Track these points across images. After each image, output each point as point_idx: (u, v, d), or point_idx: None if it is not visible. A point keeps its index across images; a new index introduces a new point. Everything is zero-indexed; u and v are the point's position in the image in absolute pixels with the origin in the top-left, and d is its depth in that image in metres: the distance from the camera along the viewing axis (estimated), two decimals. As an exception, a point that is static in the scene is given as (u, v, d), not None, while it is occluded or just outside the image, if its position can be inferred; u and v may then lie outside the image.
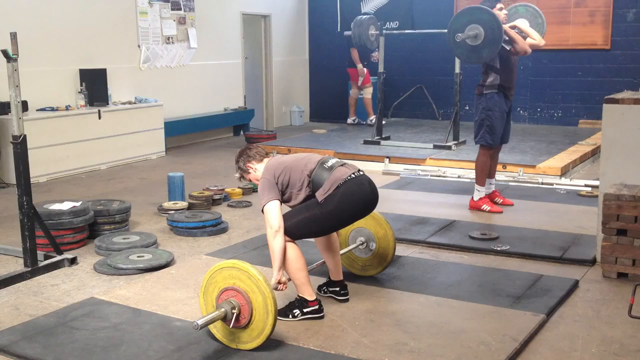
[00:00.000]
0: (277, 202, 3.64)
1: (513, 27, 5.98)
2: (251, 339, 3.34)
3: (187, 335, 3.52)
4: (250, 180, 3.97)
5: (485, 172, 6.07)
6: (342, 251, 4.15)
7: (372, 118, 11.11)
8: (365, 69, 11.20)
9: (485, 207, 6.04)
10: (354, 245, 4.27)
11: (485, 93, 5.93)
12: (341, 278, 4.00)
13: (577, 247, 4.96)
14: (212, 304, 3.41)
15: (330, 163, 3.73)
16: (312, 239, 4.01)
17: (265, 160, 3.87)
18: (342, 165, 3.75)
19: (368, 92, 11.35)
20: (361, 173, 3.77)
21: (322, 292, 4.02)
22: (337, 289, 3.98)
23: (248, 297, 3.29)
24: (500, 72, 5.87)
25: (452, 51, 6.25)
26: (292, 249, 3.65)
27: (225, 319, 3.31)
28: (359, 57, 11.02)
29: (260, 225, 5.79)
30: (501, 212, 5.99)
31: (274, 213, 3.60)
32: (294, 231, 3.66)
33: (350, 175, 3.68)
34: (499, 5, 5.95)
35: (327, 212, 3.62)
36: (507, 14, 6.04)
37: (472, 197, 6.15)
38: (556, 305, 3.91)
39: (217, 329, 3.43)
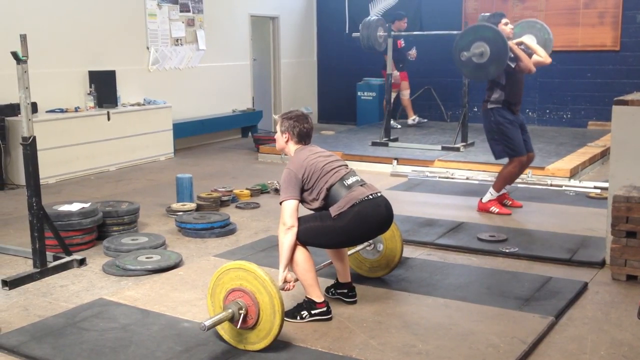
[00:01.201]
0: (296, 203, 3.64)
1: (519, 44, 5.95)
2: (259, 340, 3.34)
3: (195, 336, 3.53)
4: (275, 139, 3.91)
5: (507, 181, 6.05)
6: (349, 252, 4.15)
7: (414, 118, 11.02)
8: (398, 73, 10.78)
9: (494, 209, 6.02)
10: (361, 247, 4.27)
11: (490, 108, 5.90)
12: (349, 280, 4.00)
13: (586, 249, 4.94)
14: (220, 305, 3.42)
15: (350, 181, 3.71)
16: None
17: (300, 147, 3.81)
18: (361, 185, 3.73)
19: (406, 94, 11.07)
20: (379, 195, 3.75)
21: (330, 293, 4.02)
22: (345, 290, 3.98)
23: (255, 298, 3.30)
24: (505, 88, 5.84)
25: (459, 69, 6.26)
26: (301, 251, 3.66)
27: (232, 319, 3.32)
28: (396, 59, 10.77)
29: (268, 226, 5.80)
30: (510, 215, 5.97)
31: (289, 212, 3.61)
32: (303, 237, 3.65)
33: (367, 196, 3.66)
34: (504, 21, 5.96)
35: (339, 227, 3.62)
36: (512, 29, 6.02)
37: (481, 199, 6.13)
38: (565, 308, 3.90)
39: (224, 330, 3.44)
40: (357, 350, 3.37)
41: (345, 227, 3.63)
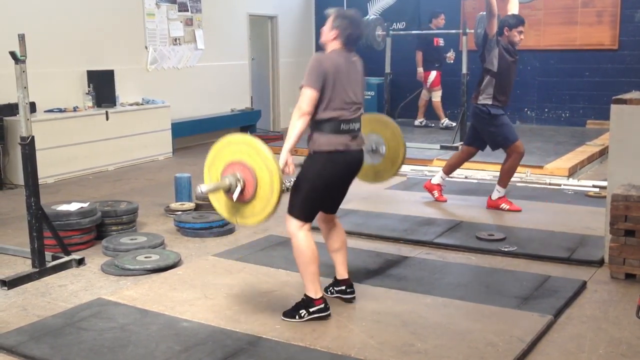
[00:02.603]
0: (316, 95, 3.52)
1: None
2: (252, 215, 3.31)
3: (194, 335, 3.53)
4: (322, 32, 3.77)
5: (511, 175, 6.06)
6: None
7: (444, 121, 10.71)
8: (436, 72, 10.66)
9: (505, 206, 6.02)
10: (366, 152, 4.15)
11: (482, 104, 5.90)
12: (347, 277, 3.98)
13: (585, 248, 4.94)
14: (217, 178, 3.36)
15: (346, 127, 3.60)
16: (322, 239, 3.99)
17: (341, 50, 3.67)
18: (353, 136, 3.64)
19: (437, 95, 10.79)
20: (359, 149, 3.71)
21: (329, 293, 4.01)
22: (343, 287, 3.96)
23: (254, 173, 3.24)
24: (497, 75, 5.85)
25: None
26: (305, 239, 3.62)
27: (229, 191, 3.26)
28: (430, 59, 10.61)
29: (267, 226, 5.79)
30: (520, 211, 5.96)
31: (307, 100, 3.50)
32: (304, 213, 3.63)
33: (346, 149, 3.61)
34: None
35: (313, 175, 3.59)
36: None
37: (490, 196, 6.13)
38: (563, 307, 3.90)
39: (219, 203, 3.39)
40: (355, 349, 3.37)
41: (317, 174, 3.59)
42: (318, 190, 3.66)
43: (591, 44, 10.81)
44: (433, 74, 10.64)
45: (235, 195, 3.25)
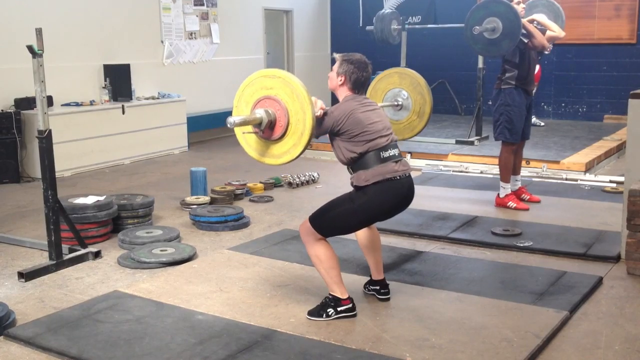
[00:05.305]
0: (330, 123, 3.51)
1: (531, 21, 5.92)
2: (281, 154, 3.27)
3: (209, 328, 3.55)
4: (329, 77, 3.78)
5: (509, 169, 6.01)
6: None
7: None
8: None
9: (511, 204, 5.99)
10: (389, 106, 4.06)
11: (503, 88, 5.88)
12: (382, 277, 3.95)
13: (601, 244, 4.91)
14: (247, 112, 3.31)
15: (387, 154, 3.56)
16: (355, 237, 3.97)
17: (351, 96, 3.65)
18: (395, 161, 3.59)
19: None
20: (407, 175, 3.63)
21: (366, 289, 4.01)
22: (378, 287, 3.94)
23: (286, 107, 3.17)
24: (519, 66, 5.82)
25: (470, 46, 6.21)
26: (324, 247, 3.60)
27: (260, 125, 3.21)
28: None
29: (282, 220, 5.81)
30: (527, 210, 5.93)
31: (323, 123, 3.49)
32: (325, 229, 3.58)
33: (395, 176, 3.55)
34: (515, 0, 5.91)
35: (359, 205, 3.53)
36: (524, 8, 5.99)
37: (498, 194, 6.10)
38: (579, 302, 3.88)
39: (248, 144, 3.34)
40: (370, 343, 3.37)
41: (364, 205, 3.53)
42: (358, 220, 3.60)
43: (609, 38, 10.71)
44: None
45: (266, 131, 3.16)
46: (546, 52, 9.89)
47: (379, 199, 3.55)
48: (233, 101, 3.56)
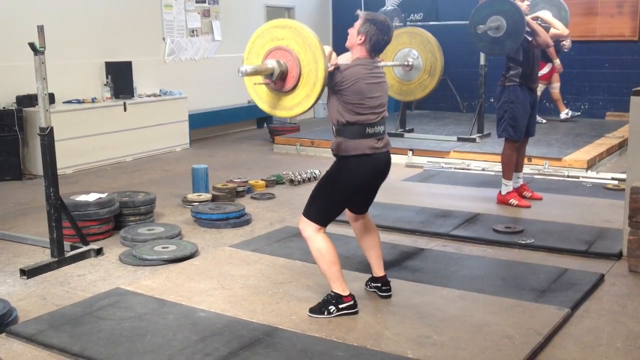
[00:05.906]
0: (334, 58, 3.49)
1: (535, 19, 5.92)
2: (293, 105, 3.24)
3: (210, 325, 3.55)
4: (349, 34, 3.65)
5: (511, 166, 6.01)
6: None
7: (567, 111, 10.36)
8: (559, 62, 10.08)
9: (513, 201, 5.99)
10: (399, 66, 3.98)
11: (507, 85, 5.88)
12: (383, 274, 3.95)
13: (603, 241, 4.90)
14: (259, 62, 3.28)
15: (372, 130, 3.56)
16: (354, 235, 3.98)
17: (363, 58, 3.56)
18: (378, 138, 3.60)
19: (556, 87, 10.29)
20: (385, 151, 3.67)
21: (367, 287, 4.01)
22: (379, 284, 3.94)
23: (299, 60, 3.13)
24: (522, 64, 5.82)
25: (474, 45, 6.21)
26: (325, 240, 3.60)
27: (271, 75, 3.17)
28: (554, 48, 9.77)
29: (284, 217, 5.81)
30: (529, 207, 5.93)
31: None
32: (321, 218, 3.60)
33: (374, 152, 3.58)
34: None
35: (339, 179, 3.57)
36: (529, 5, 5.99)
37: (500, 191, 6.10)
38: (581, 300, 3.88)
39: (259, 96, 3.31)
40: (371, 341, 3.37)
41: (344, 180, 3.56)
42: (342, 195, 3.62)
43: (611, 35, 10.68)
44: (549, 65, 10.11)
45: (277, 82, 3.12)
46: (565, 50, 9.78)
47: (356, 172, 3.58)
48: (243, 54, 3.48)
